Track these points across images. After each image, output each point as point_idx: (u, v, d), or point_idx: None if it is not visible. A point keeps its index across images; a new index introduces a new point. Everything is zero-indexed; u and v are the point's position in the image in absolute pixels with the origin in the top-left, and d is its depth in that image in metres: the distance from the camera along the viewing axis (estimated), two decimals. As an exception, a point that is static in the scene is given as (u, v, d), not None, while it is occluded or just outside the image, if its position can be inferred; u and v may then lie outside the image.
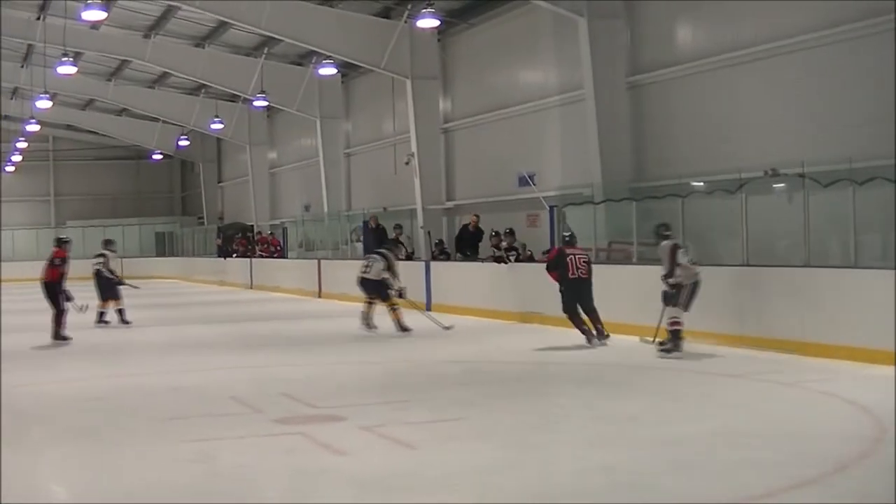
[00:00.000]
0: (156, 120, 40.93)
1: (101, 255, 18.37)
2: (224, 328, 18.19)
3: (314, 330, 17.75)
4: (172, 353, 14.13)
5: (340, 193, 30.71)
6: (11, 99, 41.14)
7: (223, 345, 15.21)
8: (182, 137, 40.57)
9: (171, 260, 42.98)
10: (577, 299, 13.64)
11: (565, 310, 13.74)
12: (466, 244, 21.38)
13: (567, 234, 14.20)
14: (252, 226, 36.89)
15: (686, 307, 12.14)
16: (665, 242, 12.34)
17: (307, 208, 33.35)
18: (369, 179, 29.68)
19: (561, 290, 13.75)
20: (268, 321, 19.68)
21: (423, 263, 21.40)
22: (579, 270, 13.56)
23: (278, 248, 32.18)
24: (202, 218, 45.77)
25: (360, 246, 25.81)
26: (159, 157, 46.11)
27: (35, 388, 10.97)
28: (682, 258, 12.21)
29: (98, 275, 18.24)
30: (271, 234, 33.61)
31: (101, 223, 46.61)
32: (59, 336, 15.45)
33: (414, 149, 24.34)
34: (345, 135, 30.83)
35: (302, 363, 12.78)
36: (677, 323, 12.12)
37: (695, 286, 12.18)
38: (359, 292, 21.12)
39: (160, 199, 50.97)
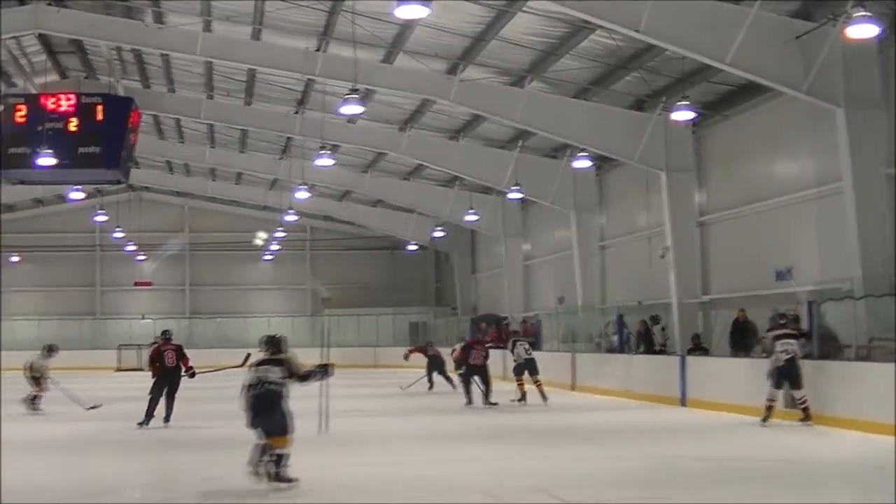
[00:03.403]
0: (410, 211, 43.39)
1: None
2: (473, 418, 19.49)
3: (566, 422, 18.74)
4: (420, 443, 15.17)
5: (594, 286, 31.80)
6: (270, 189, 44.68)
7: (472, 435, 16.25)
8: (436, 228, 42.93)
9: (424, 350, 45.01)
10: (475, 375, 22.27)
11: (465, 379, 22.50)
12: (738, 338, 21.70)
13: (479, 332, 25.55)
14: (505, 317, 38.44)
15: (776, 385, 16.75)
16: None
17: (561, 300, 34.62)
18: (623, 272, 30.66)
19: (463, 369, 22.69)
20: (519, 413, 20.85)
21: (679, 358, 22.28)
22: (478, 360, 22.28)
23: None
24: (455, 308, 47.81)
25: (615, 339, 26.79)
26: (414, 247, 48.67)
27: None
28: (779, 346, 16.15)
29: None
30: (527, 321, 35.14)
31: (356, 312, 49.61)
32: None
33: (669, 242, 25.22)
34: (599, 227, 31.97)
35: (552, 456, 13.40)
36: (770, 401, 16.74)
37: (781, 368, 16.56)
38: (613, 386, 22.37)
39: (414, 289, 53.20)
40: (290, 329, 49.95)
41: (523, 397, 22.68)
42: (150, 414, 18.02)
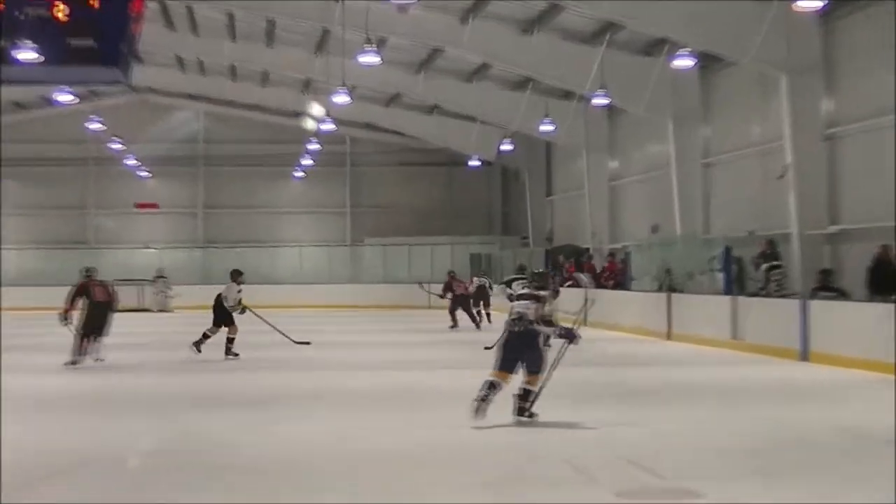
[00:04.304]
0: (473, 120, 43.44)
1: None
2: (555, 374, 19.57)
3: (663, 379, 18.77)
4: (491, 403, 15.46)
5: (696, 212, 31.80)
6: (303, 93, 44.88)
7: (555, 395, 16.06)
8: (504, 141, 42.97)
9: (487, 287, 45.27)
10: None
11: None
12: (880, 281, 21.54)
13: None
14: (587, 249, 38.68)
15: None
16: None
17: (655, 230, 34.78)
18: (732, 196, 30.70)
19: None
20: (607, 367, 20.73)
21: (799, 301, 22.28)
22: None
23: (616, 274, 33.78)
24: (526, 238, 48.02)
25: (721, 277, 26.85)
26: (477, 163, 48.81)
27: (336, 439, 12.21)
28: None
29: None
30: (614, 255, 35.35)
31: (405, 241, 49.82)
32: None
33: (789, 159, 25.23)
34: (703, 141, 31.91)
35: (648, 421, 13.48)
36: None
37: None
38: (718, 335, 22.61)
39: (477, 214, 53.72)
40: (327, 261, 50.63)
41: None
42: (78, 352, 20.37)
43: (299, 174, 52.66)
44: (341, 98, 35.07)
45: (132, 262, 48.85)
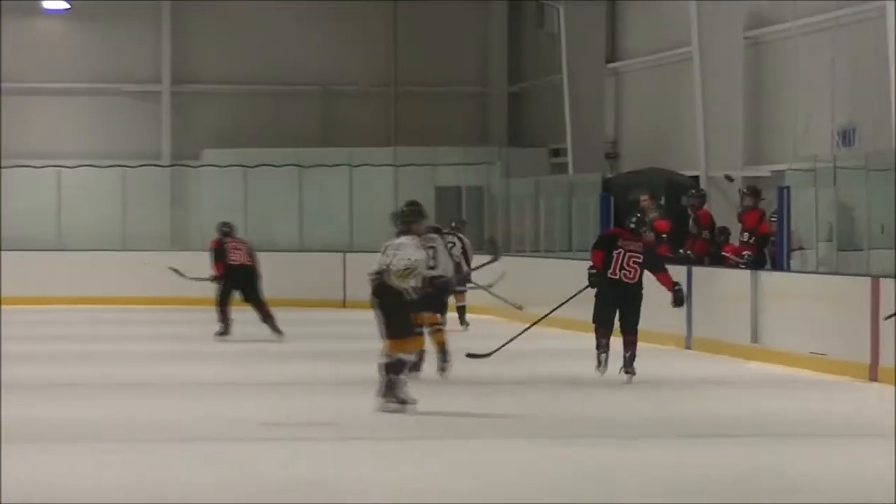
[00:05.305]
0: None
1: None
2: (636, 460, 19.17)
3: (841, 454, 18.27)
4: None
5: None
6: None
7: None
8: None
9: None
10: (620, 304, 25.38)
11: (599, 313, 25.77)
12: None
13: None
14: (695, 177, 38.92)
15: None
16: None
17: (846, 138, 35.01)
18: None
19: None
20: (725, 444, 19.90)
21: None
22: (628, 270, 25.10)
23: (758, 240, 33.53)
24: (562, 152, 48.63)
25: None
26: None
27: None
28: None
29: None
30: (752, 194, 35.13)
31: (293, 159, 49.68)
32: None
33: None
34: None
35: None
36: None
37: None
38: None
39: (452, 99, 54.70)
40: (120, 199, 50.32)
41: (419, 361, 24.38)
42: None
43: (56, 4, 52.89)
44: None
45: None
